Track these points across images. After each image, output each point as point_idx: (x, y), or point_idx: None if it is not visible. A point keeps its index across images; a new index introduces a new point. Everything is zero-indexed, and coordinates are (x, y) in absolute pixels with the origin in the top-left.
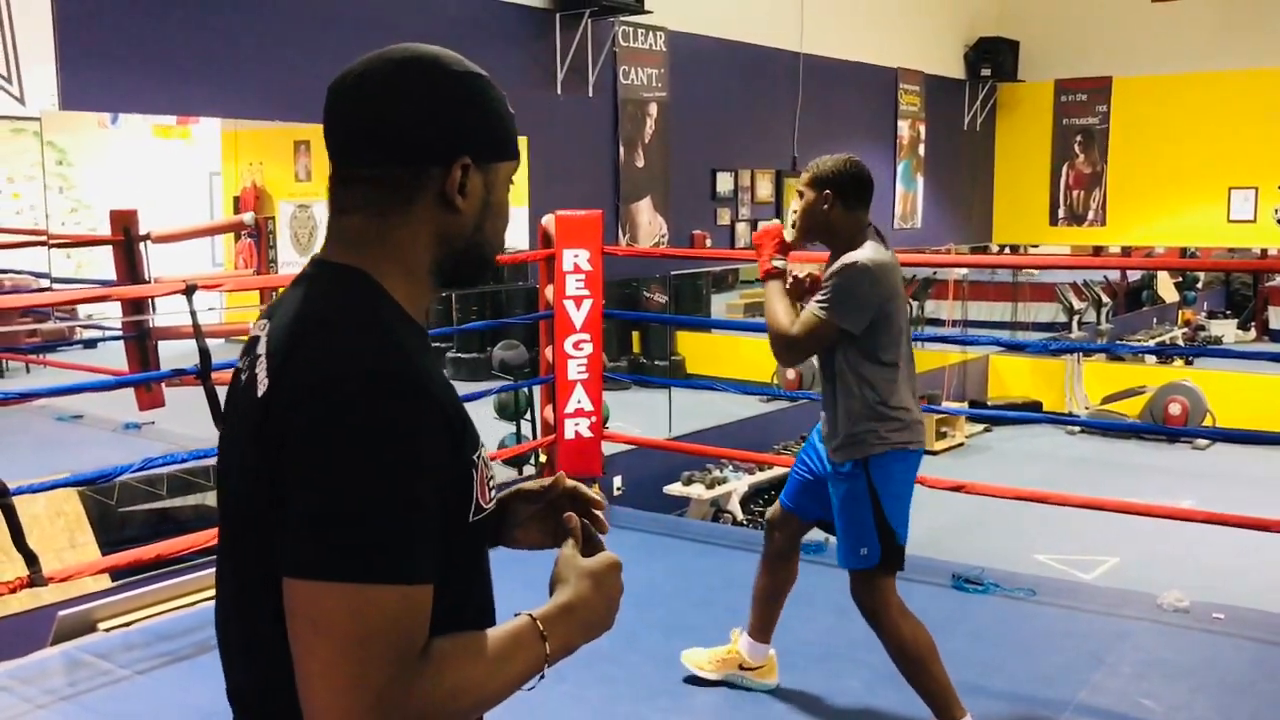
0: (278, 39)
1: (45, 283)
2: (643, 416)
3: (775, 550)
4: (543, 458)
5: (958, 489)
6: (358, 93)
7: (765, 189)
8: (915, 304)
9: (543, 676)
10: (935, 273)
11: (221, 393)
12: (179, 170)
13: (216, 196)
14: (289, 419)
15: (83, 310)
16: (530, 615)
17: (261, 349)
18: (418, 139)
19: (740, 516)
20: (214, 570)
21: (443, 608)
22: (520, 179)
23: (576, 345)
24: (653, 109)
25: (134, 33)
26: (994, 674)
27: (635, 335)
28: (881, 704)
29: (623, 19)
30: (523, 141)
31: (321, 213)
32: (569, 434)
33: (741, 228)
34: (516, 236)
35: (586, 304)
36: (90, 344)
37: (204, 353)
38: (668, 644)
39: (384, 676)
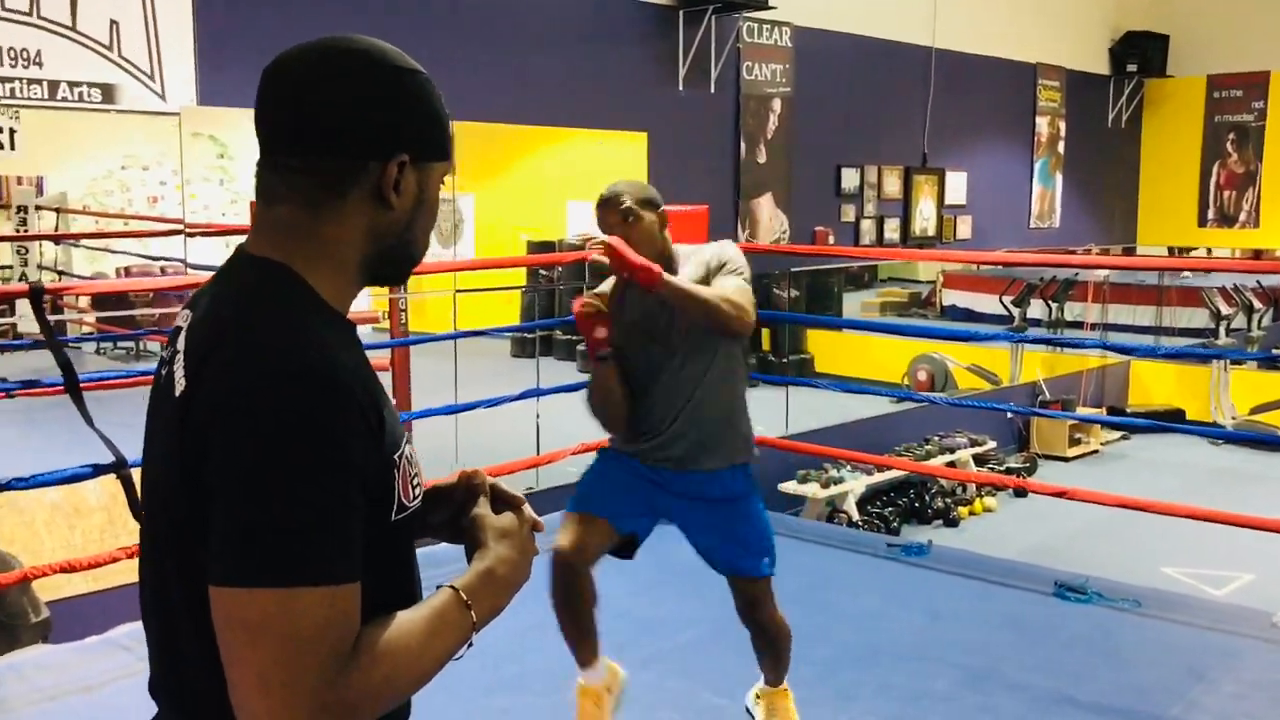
0: (406, 35)
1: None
2: (764, 413)
3: (574, 573)
4: None
5: (1060, 495)
6: (297, 81)
7: (893, 185)
8: (1054, 306)
9: (470, 644)
10: (1076, 274)
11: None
12: None
13: None
14: (208, 423)
15: None
16: (452, 587)
17: (181, 344)
18: (358, 133)
19: (856, 517)
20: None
21: (371, 603)
22: (638, 173)
23: None
24: (776, 104)
25: (270, 29)
26: (1084, 684)
27: (765, 333)
28: (966, 706)
29: (747, 15)
30: (640, 136)
31: (465, 206)
32: None
33: (867, 225)
34: None
35: None
36: None
37: None
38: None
39: (318, 678)
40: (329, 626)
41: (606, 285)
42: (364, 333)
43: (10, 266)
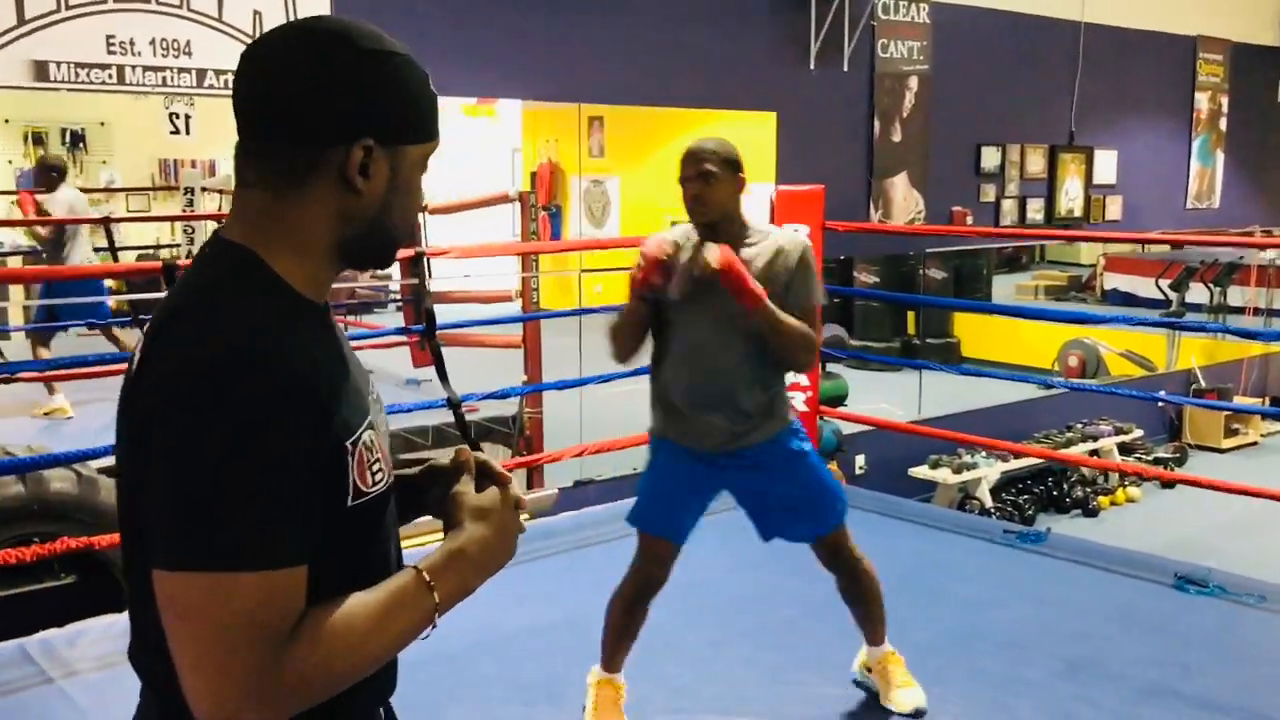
0: (536, 22)
1: None
2: (899, 394)
3: (653, 588)
4: None
5: (1205, 486)
6: (262, 65)
7: (1037, 164)
8: (1216, 290)
9: (434, 626)
10: (1241, 256)
11: (447, 353)
12: (485, 146)
13: (517, 171)
14: (150, 403)
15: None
16: (415, 568)
17: (146, 330)
18: (317, 118)
19: (989, 504)
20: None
21: (335, 587)
22: (766, 153)
23: None
24: (913, 82)
25: (402, 16)
26: (1192, 678)
27: (910, 315)
28: (1060, 694)
29: None
30: (769, 116)
31: (614, 188)
32: None
33: (1008, 205)
34: (758, 211)
35: None
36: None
37: (429, 314)
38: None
39: (251, 661)
40: (262, 611)
41: (679, 234)
42: (500, 309)
43: (179, 245)
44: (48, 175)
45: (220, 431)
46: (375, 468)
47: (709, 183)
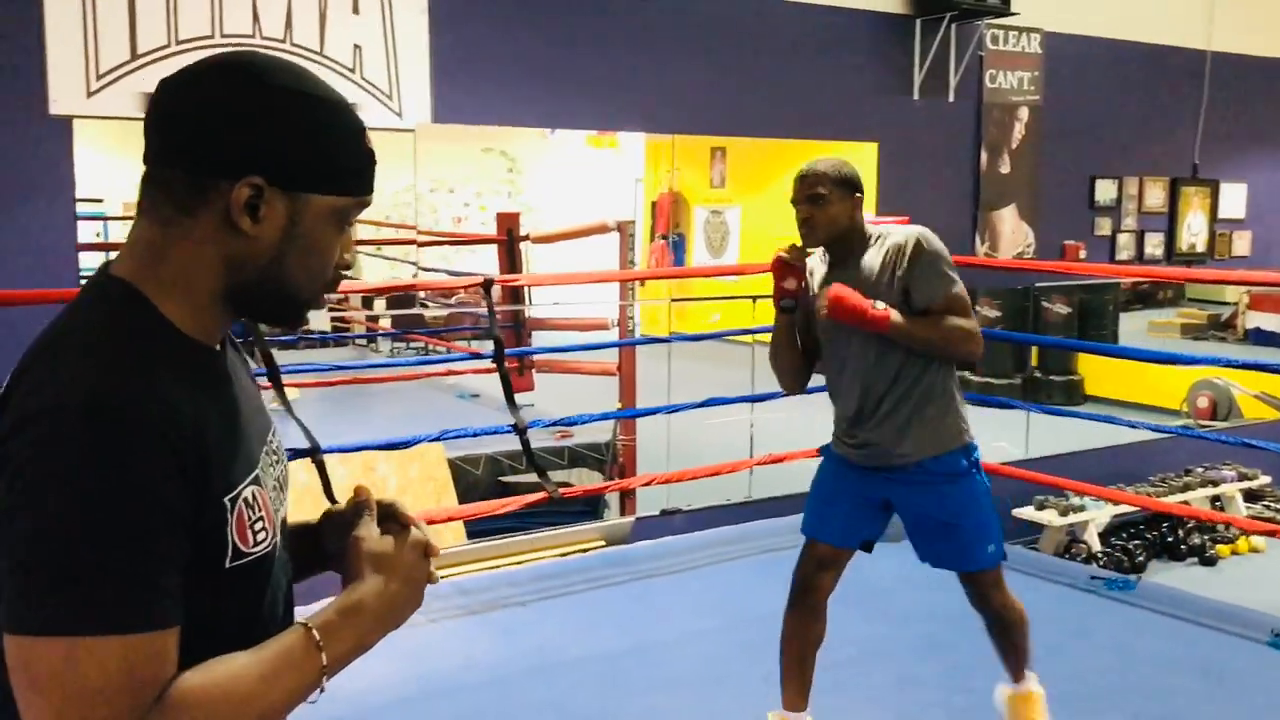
0: (638, 52)
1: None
2: (1006, 433)
3: (824, 596)
4: None
5: None
6: (168, 90)
7: (1156, 197)
8: None
9: (322, 690)
10: None
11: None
12: (607, 176)
13: (639, 201)
14: (5, 452)
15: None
16: (305, 625)
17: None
18: (205, 147)
19: (1096, 549)
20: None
21: (210, 650)
22: (868, 184)
23: None
24: (1023, 113)
25: (500, 50)
26: None
27: (1035, 350)
28: None
29: (991, 22)
30: (870, 147)
31: (734, 219)
32: None
33: (1124, 239)
34: None
35: None
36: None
37: (498, 341)
38: (915, 663)
39: None
40: (121, 677)
41: (814, 258)
42: (597, 336)
43: None
44: None
45: (78, 485)
46: (258, 526)
47: (818, 205)
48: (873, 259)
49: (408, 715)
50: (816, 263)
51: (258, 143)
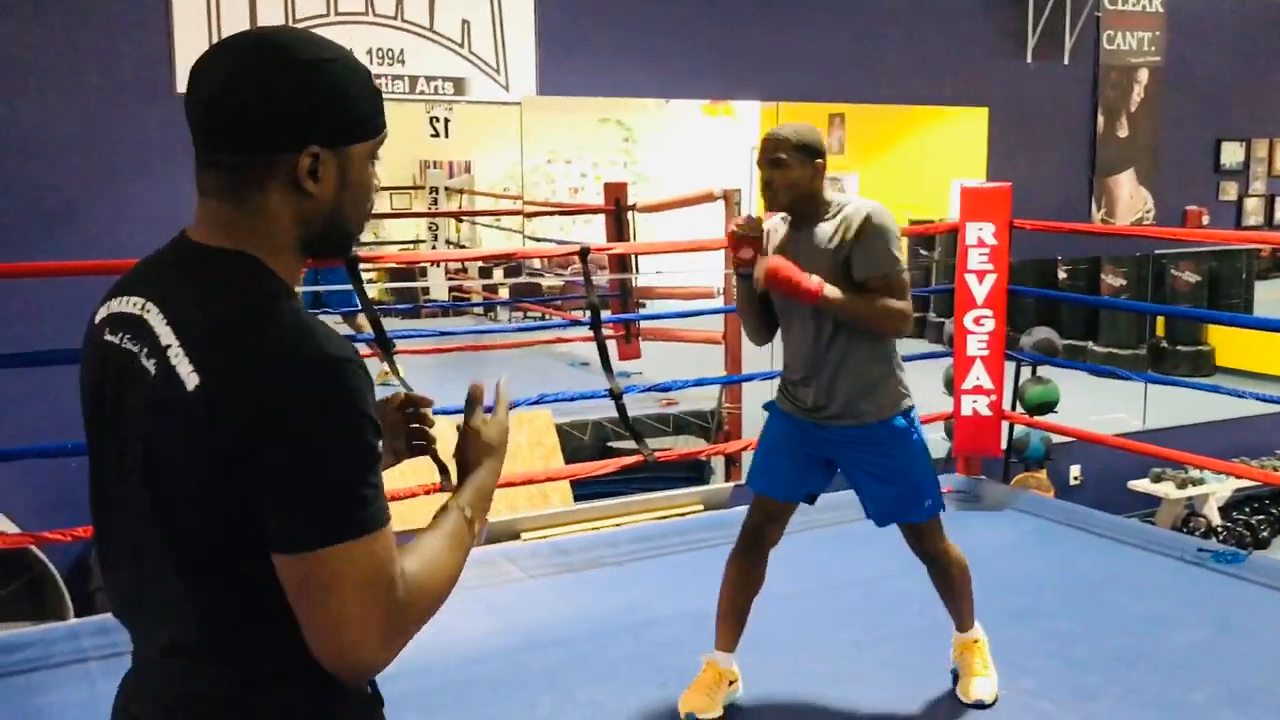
0: (747, 22)
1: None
2: (1125, 403)
3: (769, 546)
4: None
5: None
6: (209, 78)
7: None
8: None
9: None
10: None
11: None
12: (723, 145)
13: (754, 169)
14: (253, 417)
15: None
16: (460, 507)
17: (164, 336)
18: (264, 129)
19: (1216, 522)
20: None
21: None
22: (978, 149)
23: (977, 321)
24: (1142, 75)
25: (604, 22)
26: None
27: (1160, 319)
28: None
29: None
30: (981, 112)
31: (852, 185)
32: (965, 410)
33: (1252, 204)
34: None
35: (990, 279)
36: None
37: (593, 308)
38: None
39: (385, 608)
40: (385, 564)
41: (770, 221)
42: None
43: (423, 240)
44: None
45: (334, 421)
46: None
47: (779, 169)
48: (826, 228)
49: (506, 665)
50: (778, 223)
51: (306, 115)
